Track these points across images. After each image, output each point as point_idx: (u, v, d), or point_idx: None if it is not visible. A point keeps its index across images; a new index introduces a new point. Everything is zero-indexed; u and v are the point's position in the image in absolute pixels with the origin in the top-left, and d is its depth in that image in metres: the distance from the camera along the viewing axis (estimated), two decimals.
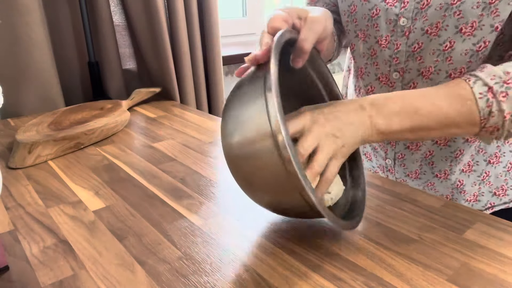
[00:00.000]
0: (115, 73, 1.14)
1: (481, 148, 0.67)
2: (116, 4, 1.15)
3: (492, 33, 0.55)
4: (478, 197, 0.70)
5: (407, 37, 0.60)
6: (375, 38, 0.64)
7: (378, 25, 0.63)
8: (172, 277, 0.42)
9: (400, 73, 0.64)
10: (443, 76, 0.61)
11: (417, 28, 0.59)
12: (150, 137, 0.84)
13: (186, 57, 1.18)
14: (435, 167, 0.69)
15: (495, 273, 0.41)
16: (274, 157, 0.39)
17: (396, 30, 0.61)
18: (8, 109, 0.99)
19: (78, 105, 0.96)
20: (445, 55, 0.59)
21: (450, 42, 0.58)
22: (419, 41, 0.60)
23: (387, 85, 0.67)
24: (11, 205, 0.58)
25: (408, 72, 0.64)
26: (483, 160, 0.68)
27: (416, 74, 0.63)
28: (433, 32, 0.58)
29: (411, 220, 0.50)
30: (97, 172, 0.68)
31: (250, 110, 0.41)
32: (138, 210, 0.56)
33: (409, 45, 0.61)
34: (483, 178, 0.69)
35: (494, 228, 0.48)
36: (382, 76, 0.67)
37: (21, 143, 0.72)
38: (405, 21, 0.60)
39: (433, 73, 0.61)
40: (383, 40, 0.63)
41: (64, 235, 0.50)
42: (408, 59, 0.62)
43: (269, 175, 0.40)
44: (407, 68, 0.63)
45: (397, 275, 0.41)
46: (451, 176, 0.69)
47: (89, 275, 0.43)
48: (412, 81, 0.64)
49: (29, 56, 0.96)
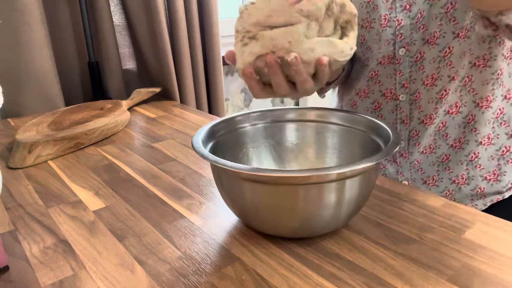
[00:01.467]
0: (115, 73, 1.14)
1: (504, 120, 0.66)
2: (116, 4, 1.15)
3: None
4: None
5: (408, 10, 0.62)
6: (378, 20, 0.65)
7: (378, 7, 0.64)
8: (172, 277, 0.42)
9: (405, 47, 0.65)
10: (451, 38, 0.62)
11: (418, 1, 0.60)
12: (150, 137, 0.84)
13: (186, 57, 1.18)
14: (449, 138, 0.69)
15: (495, 273, 0.41)
16: None
17: (395, 6, 0.62)
18: (8, 109, 0.99)
19: (78, 105, 0.96)
20: (448, 16, 0.60)
21: (452, 3, 0.59)
22: (421, 10, 0.61)
23: (392, 64, 0.67)
24: (11, 205, 0.58)
25: (414, 44, 0.64)
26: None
27: (421, 44, 0.64)
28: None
29: (411, 220, 0.50)
30: (97, 172, 0.68)
31: None
32: (138, 210, 0.56)
33: (412, 17, 0.62)
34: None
35: (494, 228, 0.48)
36: (384, 59, 0.68)
37: (21, 143, 0.72)
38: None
39: (439, 37, 0.62)
40: (382, 20, 0.64)
41: (64, 235, 0.50)
42: (412, 31, 0.63)
43: None
44: (412, 40, 0.64)
45: (397, 275, 0.41)
46: (464, 145, 0.68)
47: (89, 275, 0.43)
48: (418, 52, 0.64)
49: (29, 56, 0.96)
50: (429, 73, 0.66)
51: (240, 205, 0.46)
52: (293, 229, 0.45)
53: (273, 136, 0.59)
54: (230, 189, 0.46)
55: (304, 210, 0.42)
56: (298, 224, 0.44)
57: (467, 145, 0.67)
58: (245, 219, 0.48)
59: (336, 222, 0.46)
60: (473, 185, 0.69)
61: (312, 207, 0.42)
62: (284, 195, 0.42)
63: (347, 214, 0.45)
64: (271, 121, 0.59)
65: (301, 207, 0.42)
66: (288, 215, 0.43)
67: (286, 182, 0.41)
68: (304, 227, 0.45)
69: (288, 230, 0.46)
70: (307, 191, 0.41)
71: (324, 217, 0.44)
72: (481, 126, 0.66)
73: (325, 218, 0.44)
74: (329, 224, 0.45)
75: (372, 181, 0.46)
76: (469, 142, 0.67)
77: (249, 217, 0.47)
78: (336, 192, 0.42)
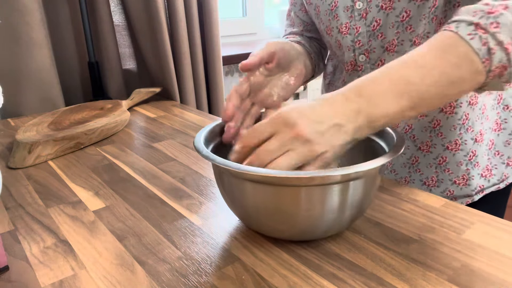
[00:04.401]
0: (115, 73, 1.14)
1: (469, 126, 0.66)
2: (116, 4, 1.15)
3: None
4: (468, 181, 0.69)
5: (365, 18, 0.62)
6: (337, 28, 0.66)
7: (338, 15, 0.65)
8: (172, 277, 0.42)
9: (365, 54, 0.65)
10: (408, 45, 0.62)
11: (372, 7, 0.61)
12: (150, 137, 0.84)
13: (186, 57, 1.18)
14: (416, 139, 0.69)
15: (495, 273, 0.41)
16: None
17: (354, 14, 0.63)
18: (8, 109, 0.99)
19: (78, 105, 0.96)
20: (404, 25, 0.60)
21: (406, 11, 0.59)
22: (376, 19, 0.61)
23: (355, 70, 0.68)
24: (11, 205, 0.58)
25: (373, 52, 0.64)
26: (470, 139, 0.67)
27: (381, 51, 0.64)
28: (388, 6, 0.59)
29: (411, 220, 0.50)
30: (97, 172, 0.68)
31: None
32: (138, 210, 0.56)
33: (368, 24, 0.62)
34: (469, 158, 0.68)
35: (494, 228, 0.48)
36: (347, 65, 0.69)
37: (21, 143, 0.72)
38: (360, 4, 0.62)
39: (397, 45, 0.62)
40: (343, 27, 0.65)
41: (64, 235, 0.50)
42: (370, 39, 0.63)
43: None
44: (371, 48, 0.64)
45: (397, 275, 0.41)
46: (432, 149, 0.68)
47: (89, 275, 0.43)
48: (379, 59, 0.65)
49: (29, 56, 0.96)
50: None
51: (241, 207, 0.46)
52: (295, 232, 0.45)
53: None
54: (232, 190, 0.45)
55: (307, 212, 0.42)
56: (300, 227, 0.44)
57: (434, 148, 0.67)
58: (247, 221, 0.48)
59: (339, 225, 0.45)
60: (443, 187, 0.69)
61: (316, 209, 0.42)
62: (286, 196, 0.41)
63: (350, 217, 0.45)
64: None
65: (304, 210, 0.42)
66: (290, 218, 0.43)
67: (289, 184, 0.40)
68: (306, 230, 0.44)
69: (290, 233, 0.45)
70: (310, 193, 0.41)
71: (328, 220, 0.43)
72: (446, 131, 0.65)
73: (329, 221, 0.43)
74: (333, 227, 0.45)
75: (376, 184, 0.46)
76: (436, 146, 0.67)
77: (251, 219, 0.46)
78: (340, 195, 0.41)
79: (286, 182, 0.40)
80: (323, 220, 0.43)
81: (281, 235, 0.46)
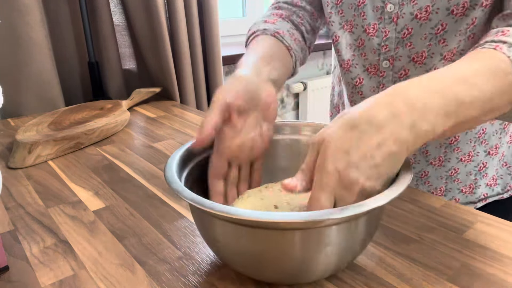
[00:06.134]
0: (115, 73, 1.14)
1: (484, 139, 0.65)
2: (116, 4, 1.15)
3: (482, 11, 0.54)
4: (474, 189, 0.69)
5: (396, 23, 0.59)
6: (363, 27, 0.63)
7: (365, 13, 0.61)
8: (172, 277, 0.42)
9: (390, 61, 0.63)
10: (438, 59, 0.59)
11: (405, 13, 0.58)
12: (150, 137, 0.84)
13: (186, 57, 1.18)
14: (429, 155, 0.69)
15: (495, 273, 0.41)
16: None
17: (384, 17, 0.60)
18: (8, 109, 0.99)
19: (78, 105, 0.96)
20: (438, 37, 0.57)
21: (442, 24, 0.56)
22: (408, 27, 0.59)
23: (377, 75, 0.66)
24: (11, 205, 0.58)
25: (399, 60, 0.62)
26: (483, 151, 0.67)
27: (407, 61, 0.61)
28: (423, 16, 0.57)
29: (411, 220, 0.50)
30: (97, 172, 0.68)
31: None
32: (138, 210, 0.56)
33: (398, 31, 0.59)
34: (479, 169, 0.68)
35: (494, 228, 0.48)
36: (370, 67, 0.66)
37: (21, 143, 0.72)
38: (392, 7, 0.58)
39: (427, 57, 0.60)
40: (370, 29, 0.62)
41: (64, 235, 0.50)
42: (397, 46, 0.61)
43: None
44: (397, 55, 0.62)
45: (397, 275, 0.41)
46: (446, 163, 0.67)
47: (89, 275, 0.43)
48: (403, 68, 0.62)
49: (29, 56, 0.96)
50: None
51: (214, 245, 0.40)
52: (276, 279, 0.39)
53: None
54: (203, 225, 0.40)
55: (286, 258, 0.35)
56: (279, 274, 0.38)
57: (448, 162, 0.67)
58: (222, 260, 0.43)
59: (330, 269, 0.38)
60: (449, 196, 0.69)
61: (297, 255, 0.35)
62: (264, 240, 0.35)
63: (344, 260, 0.38)
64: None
65: (282, 255, 0.35)
66: (268, 263, 0.36)
67: (265, 227, 0.34)
68: (286, 278, 0.39)
69: (268, 279, 0.40)
70: (290, 237, 0.34)
71: (313, 266, 0.36)
72: (463, 145, 0.65)
73: (314, 267, 0.36)
74: (322, 272, 0.38)
75: (376, 221, 0.39)
76: (450, 160, 0.66)
77: (225, 259, 0.40)
78: (330, 238, 0.34)
79: (262, 226, 0.34)
80: (308, 267, 0.36)
81: (262, 279, 0.40)
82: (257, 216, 0.32)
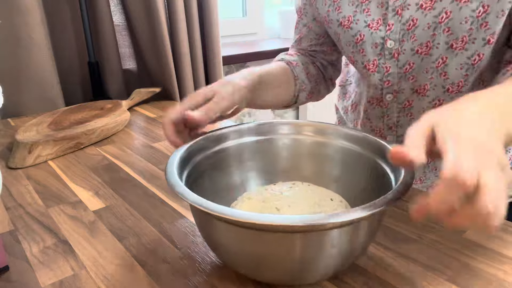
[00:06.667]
0: (115, 73, 1.14)
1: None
2: (116, 4, 1.15)
3: (485, 46, 0.54)
4: None
5: (397, 59, 0.59)
6: (362, 63, 0.63)
7: (364, 50, 0.62)
8: (172, 277, 0.42)
9: (393, 94, 0.63)
10: (440, 91, 0.60)
11: (406, 49, 0.58)
12: (150, 137, 0.84)
13: (186, 57, 1.18)
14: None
15: (495, 273, 0.41)
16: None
17: (384, 53, 0.60)
18: (8, 109, 0.99)
19: (78, 105, 0.96)
20: (439, 71, 0.58)
21: (443, 58, 0.57)
22: (410, 62, 0.59)
23: (380, 107, 0.66)
24: (11, 205, 0.58)
25: (402, 92, 0.63)
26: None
27: (410, 93, 0.62)
28: (424, 51, 0.57)
29: (411, 220, 0.50)
30: (97, 172, 0.68)
31: None
32: (138, 210, 0.56)
33: (400, 66, 0.60)
34: None
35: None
36: (372, 99, 0.67)
37: (21, 143, 0.72)
38: (392, 43, 0.58)
39: (429, 90, 0.61)
40: (370, 65, 0.62)
41: (64, 235, 0.50)
42: (400, 80, 0.61)
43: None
44: (400, 88, 0.62)
45: (397, 275, 0.41)
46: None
47: (89, 275, 0.43)
48: (406, 100, 0.63)
49: (29, 56, 0.96)
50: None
51: (215, 246, 0.40)
52: (277, 280, 0.39)
53: (263, 154, 0.52)
54: (204, 227, 0.40)
55: (287, 260, 0.36)
56: (280, 275, 0.38)
57: None
58: (223, 260, 0.43)
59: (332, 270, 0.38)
60: None
61: (298, 258, 0.35)
62: (266, 242, 0.35)
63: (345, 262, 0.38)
64: (260, 135, 0.52)
65: (283, 257, 0.36)
66: (269, 264, 0.37)
67: (265, 229, 0.34)
68: (286, 279, 0.38)
69: (268, 280, 0.39)
70: (291, 240, 0.34)
71: (314, 268, 0.36)
72: None
73: (315, 268, 0.37)
74: (323, 274, 0.38)
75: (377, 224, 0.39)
76: None
77: (226, 260, 0.41)
78: (331, 241, 0.34)
79: (261, 228, 0.34)
80: (308, 268, 0.36)
81: (262, 279, 0.40)
82: (260, 219, 0.32)
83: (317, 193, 0.47)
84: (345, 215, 0.32)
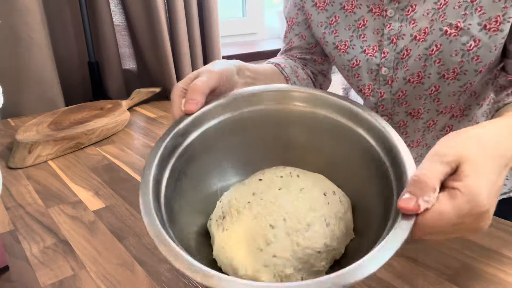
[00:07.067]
0: (115, 73, 1.14)
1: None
2: (116, 4, 1.15)
3: (477, 76, 0.55)
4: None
5: (390, 85, 0.60)
6: (358, 87, 0.64)
7: (360, 75, 0.63)
8: (172, 277, 0.42)
9: (388, 116, 0.65)
10: (434, 114, 0.62)
11: (399, 77, 0.59)
12: (150, 137, 0.84)
13: (186, 57, 1.18)
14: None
15: (495, 273, 0.41)
16: None
17: (379, 79, 0.61)
18: (8, 109, 0.99)
19: (78, 105, 0.96)
20: (432, 97, 0.59)
21: (435, 86, 0.58)
22: (402, 89, 0.60)
23: None
24: (11, 205, 0.58)
25: (396, 115, 0.64)
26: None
27: (404, 115, 0.64)
28: (416, 80, 0.58)
29: None
30: (97, 172, 0.68)
31: None
32: (138, 210, 0.55)
33: (393, 93, 0.61)
34: None
35: (494, 228, 0.48)
36: None
37: (21, 143, 0.72)
38: (386, 71, 0.59)
39: (423, 113, 0.62)
40: (366, 89, 0.63)
41: (64, 235, 0.50)
42: (394, 105, 0.63)
43: None
44: (394, 112, 0.64)
45: (397, 275, 0.41)
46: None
47: (89, 275, 0.43)
48: (401, 121, 0.65)
49: (29, 56, 0.96)
50: (414, 139, 0.67)
51: None
52: None
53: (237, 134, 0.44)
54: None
55: None
56: None
57: None
58: None
59: None
60: None
61: None
62: None
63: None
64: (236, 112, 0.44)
65: None
66: None
67: None
68: None
69: None
70: None
71: None
72: None
73: None
74: None
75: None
76: None
77: None
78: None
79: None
80: None
81: None
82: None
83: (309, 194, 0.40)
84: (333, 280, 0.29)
